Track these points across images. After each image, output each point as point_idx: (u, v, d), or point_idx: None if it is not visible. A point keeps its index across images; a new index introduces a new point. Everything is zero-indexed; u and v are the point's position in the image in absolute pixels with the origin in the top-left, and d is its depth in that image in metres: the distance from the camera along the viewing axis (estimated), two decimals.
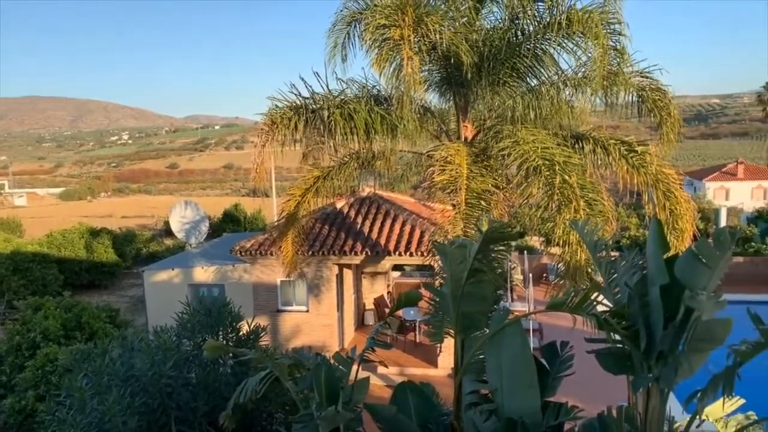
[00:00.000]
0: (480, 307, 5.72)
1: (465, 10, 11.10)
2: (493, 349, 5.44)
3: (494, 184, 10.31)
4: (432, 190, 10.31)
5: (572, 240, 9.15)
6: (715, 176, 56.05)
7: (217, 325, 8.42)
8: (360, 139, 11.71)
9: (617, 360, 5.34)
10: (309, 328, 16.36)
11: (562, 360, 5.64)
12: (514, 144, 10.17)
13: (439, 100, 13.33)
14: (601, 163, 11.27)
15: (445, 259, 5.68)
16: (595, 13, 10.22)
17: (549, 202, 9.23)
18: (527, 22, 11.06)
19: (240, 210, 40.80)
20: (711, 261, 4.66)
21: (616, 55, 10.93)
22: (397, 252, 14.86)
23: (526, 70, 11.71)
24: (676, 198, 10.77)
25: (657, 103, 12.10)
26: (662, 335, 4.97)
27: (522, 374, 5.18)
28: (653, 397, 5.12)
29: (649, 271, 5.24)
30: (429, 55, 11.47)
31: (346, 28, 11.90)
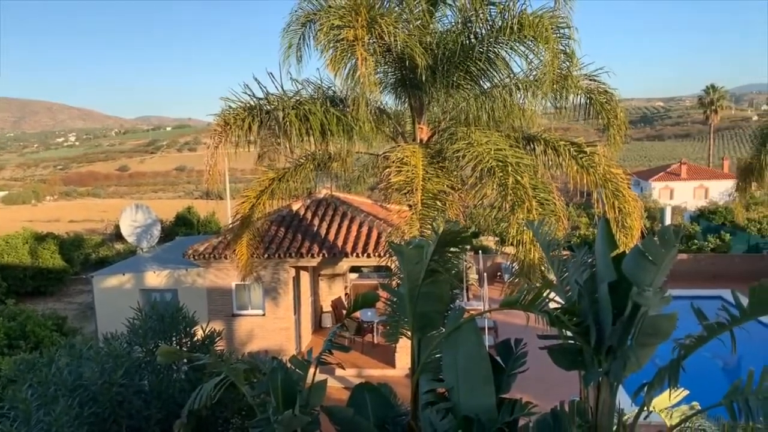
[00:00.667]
0: (436, 307, 5.78)
1: (419, 13, 11.21)
2: (449, 348, 5.51)
3: (449, 185, 10.44)
4: (388, 191, 10.37)
5: (525, 239, 9.35)
6: (660, 176, 58.16)
7: (170, 331, 8.22)
8: (316, 141, 11.66)
9: (569, 355, 5.49)
10: (265, 332, 16.16)
11: (516, 357, 5.75)
12: (468, 146, 10.33)
13: (395, 102, 13.41)
14: (552, 163, 11.54)
15: (401, 260, 5.71)
16: (546, 17, 10.46)
17: (503, 203, 9.41)
18: (480, 25, 11.23)
19: (193, 213, 39.99)
20: (657, 258, 4.83)
21: (566, 58, 11.22)
22: (354, 253, 14.85)
23: (479, 73, 11.90)
24: (625, 197, 11.13)
25: (604, 106, 12.47)
26: (611, 331, 5.13)
27: (477, 372, 5.25)
28: (603, 390, 5.28)
29: (598, 269, 5.41)
30: (384, 56, 11.52)
31: (301, 29, 11.84)
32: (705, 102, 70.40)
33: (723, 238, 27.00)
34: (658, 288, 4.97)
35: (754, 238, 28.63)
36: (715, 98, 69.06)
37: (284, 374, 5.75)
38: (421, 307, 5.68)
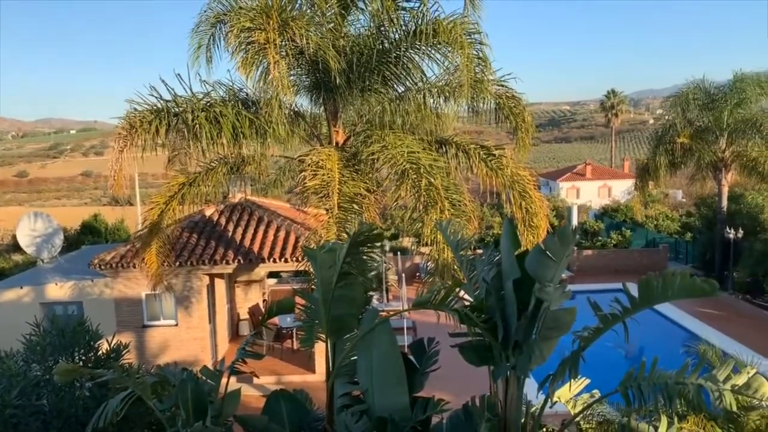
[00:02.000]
0: (350, 310, 5.80)
1: (331, 16, 11.19)
2: (364, 350, 5.54)
3: (365, 187, 10.50)
4: (304, 195, 10.29)
5: (439, 239, 9.55)
6: (567, 177, 61.22)
7: (72, 346, 7.77)
8: (228, 144, 11.39)
9: (478, 352, 5.67)
10: (179, 343, 15.58)
11: (429, 356, 5.87)
12: (382, 148, 10.43)
13: (310, 105, 13.34)
14: (463, 166, 11.86)
15: (315, 264, 5.69)
16: (458, 23, 10.74)
17: (417, 204, 9.58)
18: (394, 30, 11.38)
19: (101, 220, 37.89)
20: (556, 255, 5.08)
21: (479, 62, 11.57)
22: (271, 259, 14.61)
23: (394, 78, 12.04)
24: (531, 198, 11.61)
25: (512, 110, 12.96)
26: (517, 326, 5.35)
27: (391, 373, 5.32)
28: (511, 384, 5.49)
29: (504, 267, 5.62)
30: (297, 59, 11.43)
31: (211, 30, 11.53)
32: (606, 106, 74.95)
33: (624, 234, 28.77)
34: (558, 283, 5.24)
35: (652, 233, 30.72)
36: (616, 102, 73.68)
37: (194, 385, 5.57)
38: (335, 310, 5.68)
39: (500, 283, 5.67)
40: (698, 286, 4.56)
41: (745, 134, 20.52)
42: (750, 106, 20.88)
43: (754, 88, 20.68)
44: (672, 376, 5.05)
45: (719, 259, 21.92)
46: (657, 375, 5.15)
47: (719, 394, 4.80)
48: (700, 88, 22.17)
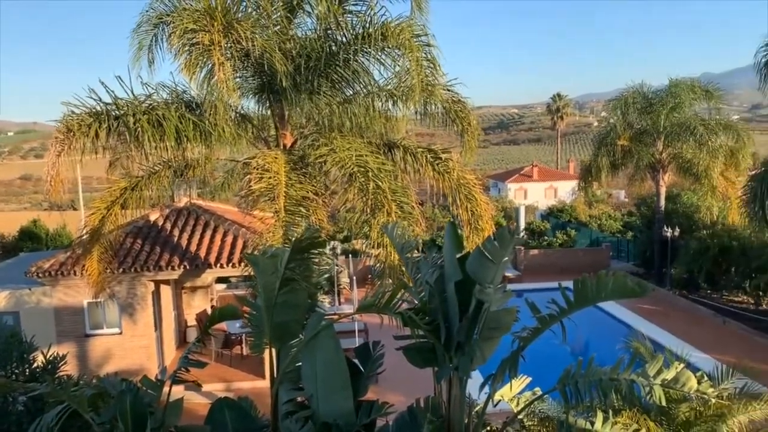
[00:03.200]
0: (294, 316, 5.77)
1: (277, 19, 11.12)
2: (308, 356, 5.52)
3: (313, 190, 10.47)
4: (250, 198, 10.18)
5: (386, 242, 9.61)
6: (515, 178, 62.56)
7: (4, 359, 7.44)
8: (171, 147, 11.16)
9: (422, 354, 5.73)
10: (123, 352, 15.12)
11: (375, 359, 5.90)
12: (330, 152, 10.43)
13: (257, 107, 13.20)
14: (411, 169, 11.97)
15: (257, 270, 5.64)
16: (406, 27, 10.82)
17: (364, 207, 9.62)
18: (341, 33, 11.39)
19: (40, 226, 36.38)
20: (495, 257, 5.18)
21: (428, 65, 11.70)
22: (218, 264, 14.36)
23: (342, 80, 12.04)
24: (477, 200, 11.83)
25: (459, 114, 13.16)
26: (459, 327, 5.44)
27: (335, 378, 5.32)
28: (454, 385, 5.58)
29: (446, 269, 5.71)
30: (242, 61, 11.30)
31: (153, 30, 11.27)
32: (552, 109, 77.07)
33: (569, 234, 29.60)
34: (499, 284, 5.36)
35: (595, 233, 31.73)
36: (561, 106, 75.87)
37: (134, 396, 5.43)
38: (278, 317, 5.64)
39: (443, 285, 5.75)
40: (630, 287, 4.74)
41: (680, 137, 21.45)
42: (684, 110, 21.84)
43: (687, 93, 21.66)
44: (607, 372, 5.23)
45: (658, 256, 22.83)
46: (593, 372, 5.32)
47: (650, 388, 5.01)
48: (639, 93, 23.06)
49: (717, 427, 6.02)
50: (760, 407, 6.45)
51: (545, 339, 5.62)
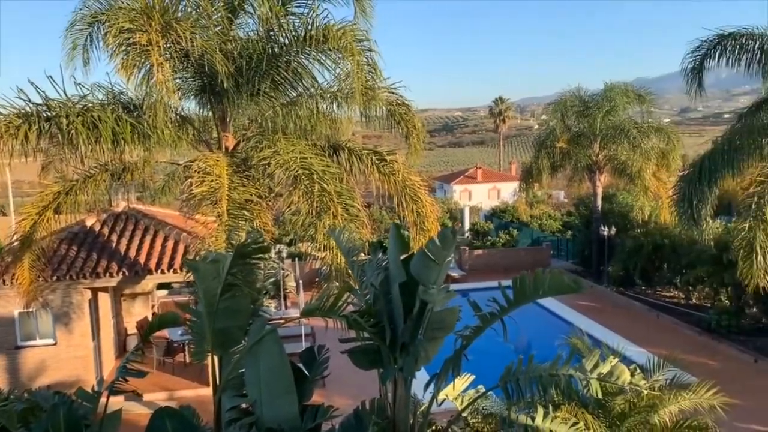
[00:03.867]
0: (237, 322, 5.68)
1: (218, 19, 10.91)
2: (252, 362, 5.44)
3: (257, 193, 10.33)
4: (192, 202, 9.95)
5: (332, 244, 9.59)
6: (460, 180, 63.60)
7: None
8: (108, 150, 10.79)
9: (368, 356, 5.76)
10: (59, 363, 14.46)
11: (320, 363, 5.88)
12: (274, 154, 10.32)
13: (198, 109, 12.92)
14: (357, 171, 11.99)
15: (197, 276, 5.52)
16: (348, 30, 10.84)
17: (310, 209, 9.57)
18: (284, 35, 11.30)
19: None
20: (438, 258, 5.26)
21: (369, 69, 11.74)
22: (159, 270, 13.94)
23: (285, 82, 11.95)
24: (422, 202, 11.96)
25: (403, 117, 13.28)
26: (403, 328, 5.49)
27: (280, 383, 5.26)
28: (399, 386, 5.63)
29: (391, 271, 5.75)
30: (182, 62, 11.04)
31: (88, 29, 10.87)
32: (495, 112, 78.80)
33: (512, 234, 30.30)
34: (441, 285, 5.44)
35: (537, 232, 32.59)
36: (503, 109, 77.69)
37: (67, 409, 5.21)
38: (220, 323, 5.54)
39: (388, 287, 5.79)
40: (566, 283, 4.91)
41: (615, 139, 22.33)
42: (619, 113, 22.74)
43: (621, 97, 22.57)
44: (546, 368, 5.40)
45: (596, 255, 23.67)
46: (533, 368, 5.48)
47: (587, 382, 5.20)
48: (577, 97, 23.86)
49: (649, 418, 6.30)
50: (688, 397, 6.80)
51: (490, 337, 5.74)
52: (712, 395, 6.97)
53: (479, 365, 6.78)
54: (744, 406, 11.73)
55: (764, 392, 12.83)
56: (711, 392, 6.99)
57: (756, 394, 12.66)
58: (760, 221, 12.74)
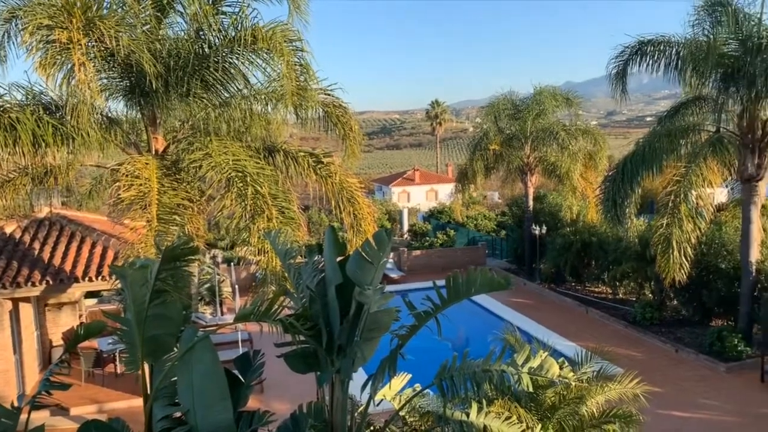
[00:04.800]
0: (168, 329, 5.51)
1: (146, 18, 10.59)
2: (184, 370, 5.29)
3: (188, 197, 10.08)
4: (119, 207, 9.60)
5: (268, 248, 9.48)
6: (399, 182, 64.12)
7: None
8: (28, 153, 10.26)
9: (305, 359, 5.72)
10: None
11: (255, 368, 5.79)
12: (206, 156, 10.10)
13: (127, 111, 12.48)
14: (293, 173, 11.90)
15: (125, 283, 5.33)
16: (278, 31, 10.75)
17: (243, 212, 9.42)
18: (214, 35, 11.08)
19: None
20: (374, 259, 5.29)
21: (302, 71, 11.68)
22: (86, 278, 13.33)
23: (216, 83, 11.71)
24: (359, 203, 12.01)
25: (340, 119, 13.30)
26: (340, 330, 5.49)
27: (213, 390, 5.15)
28: (337, 388, 5.62)
29: (327, 273, 5.74)
30: (108, 61, 10.65)
31: (5, 25, 10.31)
32: (431, 115, 79.92)
33: (449, 234, 30.81)
34: (377, 286, 5.48)
35: (473, 232, 33.29)
36: (439, 112, 78.89)
37: None
38: (150, 331, 5.36)
39: (325, 289, 5.78)
40: (496, 281, 5.05)
41: (544, 142, 23.10)
42: (548, 116, 23.56)
43: (550, 101, 23.38)
44: (479, 364, 5.53)
45: (528, 253, 24.41)
46: (467, 365, 5.60)
47: (518, 376, 5.36)
48: (509, 100, 24.54)
49: (578, 409, 6.56)
50: (614, 387, 7.13)
51: (429, 336, 5.83)
52: (636, 385, 7.33)
53: (419, 364, 6.87)
54: (665, 394, 12.44)
55: (684, 381, 13.60)
56: (635, 382, 7.35)
57: (676, 383, 13.40)
58: (676, 218, 13.51)
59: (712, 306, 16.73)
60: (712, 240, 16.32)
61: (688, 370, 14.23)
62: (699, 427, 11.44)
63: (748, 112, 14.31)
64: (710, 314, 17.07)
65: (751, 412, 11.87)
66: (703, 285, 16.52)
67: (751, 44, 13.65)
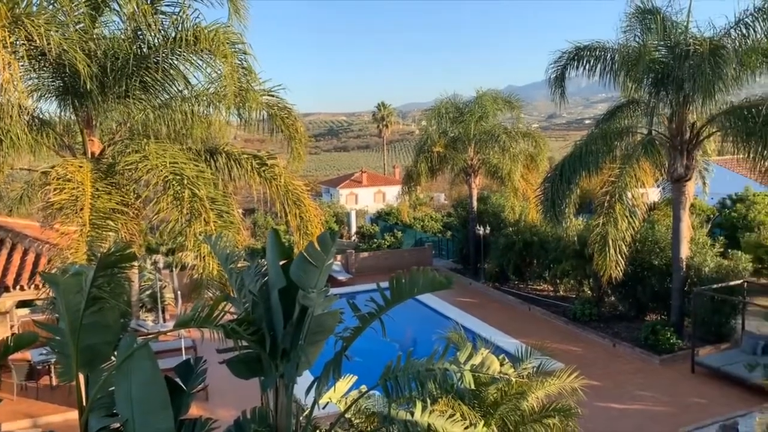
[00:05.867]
0: (104, 338, 5.33)
1: (79, 16, 10.21)
2: (122, 379, 5.13)
3: (124, 201, 9.76)
4: (49, 212, 9.20)
5: (204, 252, 9.30)
6: (346, 184, 64.04)
7: None
8: None
9: (248, 365, 5.64)
10: None
11: (197, 375, 5.67)
12: (143, 158, 9.83)
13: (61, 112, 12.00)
14: (236, 176, 11.72)
15: (57, 291, 5.12)
16: (221, 32, 10.58)
17: (180, 216, 9.20)
18: (153, 35, 10.81)
19: None
20: (318, 262, 5.28)
21: (244, 73, 11.53)
22: (17, 286, 12.73)
23: (156, 84, 11.45)
24: (305, 206, 11.93)
25: (285, 121, 13.19)
26: (283, 334, 5.45)
27: (153, 399, 5.01)
28: (281, 393, 5.57)
29: (270, 277, 5.69)
30: (38, 61, 10.24)
31: None
32: (378, 117, 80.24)
33: (396, 236, 31.01)
34: (321, 289, 5.47)
35: (419, 233, 33.60)
36: (386, 114, 79.31)
37: None
38: (85, 340, 5.17)
39: (267, 293, 5.73)
40: (438, 280, 5.12)
41: (487, 144, 23.54)
42: (490, 119, 24.03)
43: (492, 104, 23.87)
44: (423, 364, 5.59)
45: (473, 253, 24.83)
46: (411, 365, 5.65)
47: (461, 374, 5.45)
48: (452, 103, 24.90)
49: (519, 404, 6.73)
50: (554, 382, 7.36)
51: (376, 339, 5.86)
52: (575, 379, 7.58)
53: (368, 366, 6.88)
54: (603, 387, 12.92)
55: (621, 374, 14.15)
56: (573, 376, 7.60)
57: (614, 376, 13.94)
58: (611, 218, 14.06)
59: (647, 301, 17.49)
60: (646, 238, 17.06)
61: (625, 364, 14.82)
62: (634, 417, 11.93)
63: (677, 115, 15.03)
64: (645, 309, 17.83)
65: (683, 401, 12.47)
66: (637, 281, 17.24)
67: (680, 51, 14.35)
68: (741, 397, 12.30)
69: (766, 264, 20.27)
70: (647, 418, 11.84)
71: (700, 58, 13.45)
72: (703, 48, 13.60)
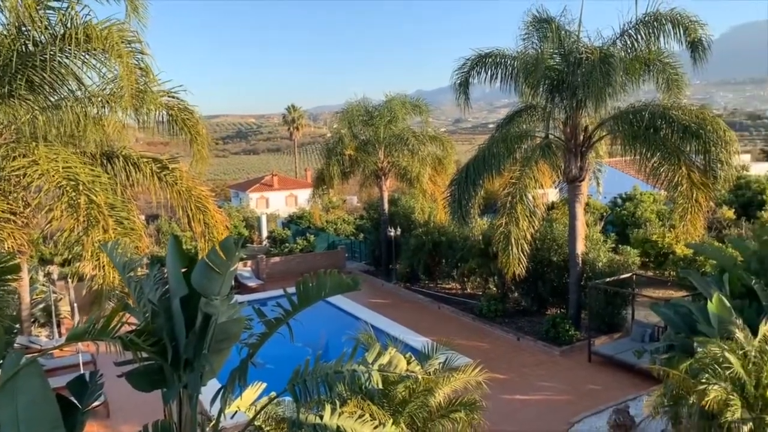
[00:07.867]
0: None
1: None
2: (7, 400, 4.77)
3: (9, 209, 9.08)
4: None
5: (103, 261, 8.84)
6: (257, 187, 62.80)
7: None
8: None
9: (149, 377, 5.43)
10: None
11: (92, 391, 5.39)
12: (32, 163, 9.18)
13: None
14: (134, 180, 11.21)
15: None
16: (115, 30, 10.08)
17: (76, 224, 8.68)
18: (38, 31, 10.12)
19: None
20: (221, 268, 5.17)
21: (142, 73, 11.04)
22: None
23: (44, 84, 10.73)
24: (210, 211, 11.60)
25: (186, 122, 12.74)
26: (186, 343, 5.28)
27: (42, 419, 4.70)
28: (185, 404, 5.41)
29: (171, 285, 5.50)
30: None
31: None
32: (288, 120, 79.36)
33: (309, 240, 30.77)
34: (225, 296, 5.35)
35: (332, 236, 33.56)
36: (296, 117, 78.59)
37: None
38: None
39: (168, 302, 5.54)
40: (345, 282, 5.17)
41: (396, 147, 23.98)
42: (399, 123, 24.47)
43: (401, 108, 24.32)
44: (332, 366, 5.62)
45: (385, 254, 25.14)
46: (320, 368, 5.66)
47: (368, 374, 5.52)
48: (362, 107, 25.11)
49: (427, 401, 6.90)
50: (459, 377, 7.60)
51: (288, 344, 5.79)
52: (479, 373, 7.87)
53: (279, 372, 6.78)
54: (508, 380, 13.48)
55: (524, 366, 14.83)
56: (478, 370, 7.89)
57: (518, 369, 14.58)
58: (513, 217, 14.72)
59: (547, 296, 18.44)
60: (545, 236, 17.99)
61: (528, 356, 15.54)
62: (537, 407, 12.54)
63: (571, 120, 15.98)
64: (546, 304, 18.78)
65: (580, 389, 13.26)
66: (538, 277, 18.15)
67: (573, 59, 15.26)
68: (632, 382, 13.24)
69: (652, 258, 21.95)
70: (547, 407, 12.48)
71: (591, 65, 14.36)
72: (594, 56, 14.54)
